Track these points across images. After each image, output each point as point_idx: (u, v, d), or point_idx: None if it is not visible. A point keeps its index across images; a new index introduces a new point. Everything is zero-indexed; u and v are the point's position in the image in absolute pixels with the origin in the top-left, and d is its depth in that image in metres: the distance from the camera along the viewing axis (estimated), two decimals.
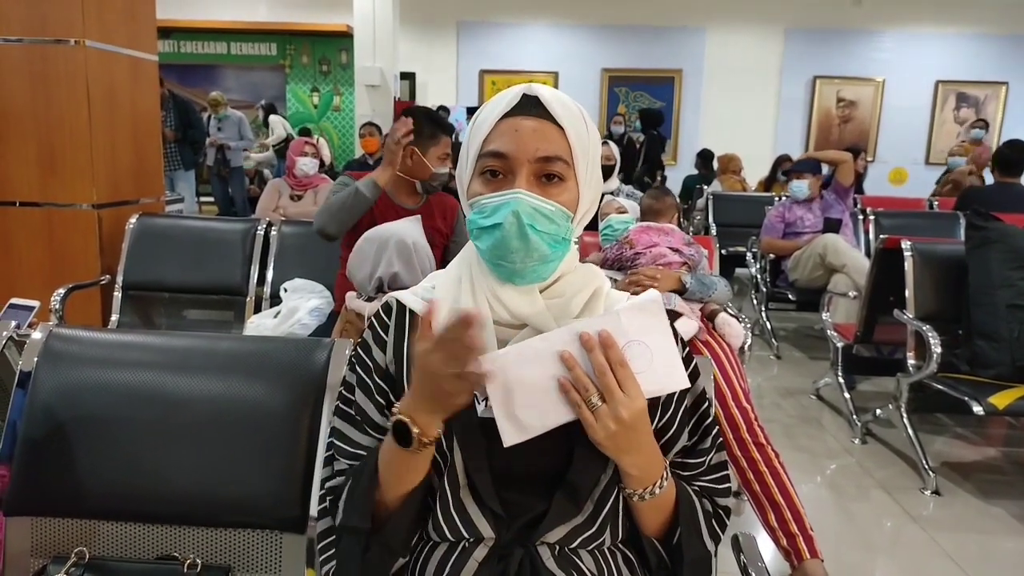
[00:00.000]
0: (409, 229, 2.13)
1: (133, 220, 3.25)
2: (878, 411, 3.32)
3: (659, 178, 7.81)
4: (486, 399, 0.95)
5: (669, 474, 0.96)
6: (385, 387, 1.00)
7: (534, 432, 0.88)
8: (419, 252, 2.11)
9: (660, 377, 0.90)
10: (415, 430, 0.88)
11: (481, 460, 0.94)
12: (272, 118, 8.71)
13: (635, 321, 0.89)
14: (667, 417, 1.00)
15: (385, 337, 1.02)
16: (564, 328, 0.90)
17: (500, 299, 0.93)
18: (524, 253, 0.90)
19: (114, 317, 3.14)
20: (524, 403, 0.88)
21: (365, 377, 1.02)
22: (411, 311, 1.02)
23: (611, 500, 0.96)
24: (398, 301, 1.04)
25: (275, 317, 2.95)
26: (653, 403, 0.98)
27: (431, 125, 2.61)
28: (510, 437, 0.88)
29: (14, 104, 3.18)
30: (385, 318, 1.04)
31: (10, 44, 3.14)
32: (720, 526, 1.04)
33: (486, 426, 0.94)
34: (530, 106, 0.93)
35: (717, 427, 1.05)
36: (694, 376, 1.03)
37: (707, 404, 1.04)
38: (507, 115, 0.93)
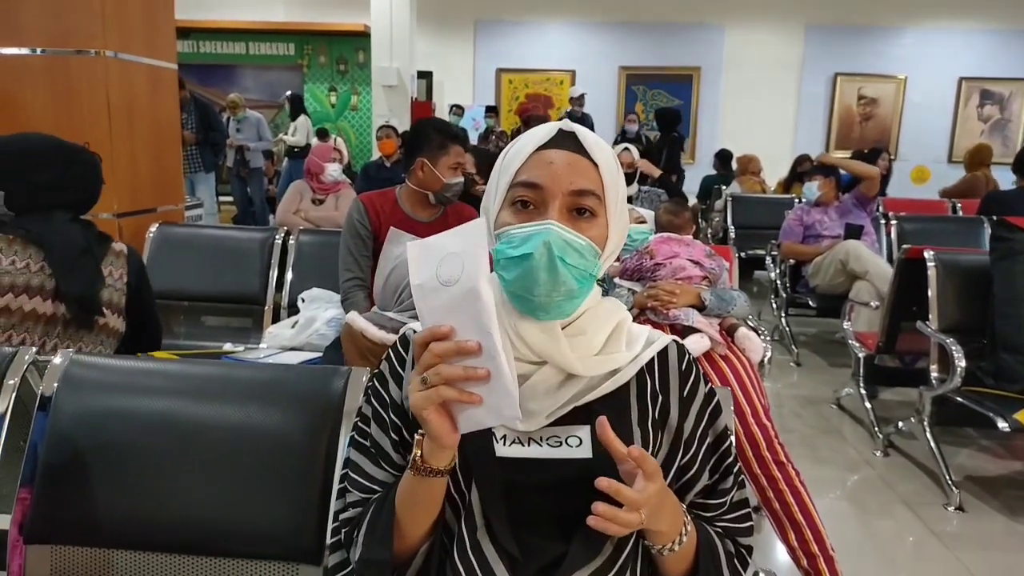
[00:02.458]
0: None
1: (153, 229, 3.27)
2: (900, 424, 3.28)
3: (674, 179, 7.75)
4: (504, 436, 0.95)
5: (690, 520, 0.95)
6: (399, 423, 1.00)
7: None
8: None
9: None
10: (417, 451, 0.88)
11: (498, 500, 0.93)
12: (301, 120, 8.68)
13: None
14: (688, 456, 0.99)
15: (401, 372, 1.01)
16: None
17: (520, 335, 0.92)
18: (551, 287, 0.89)
19: None
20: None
21: (381, 411, 1.01)
22: None
23: (631, 543, 0.95)
24: (416, 333, 1.03)
25: (293, 327, 2.96)
26: (675, 443, 0.97)
27: (439, 135, 2.59)
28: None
29: (36, 115, 3.20)
30: (402, 351, 1.03)
31: (33, 56, 3.16)
32: (742, 565, 1.03)
33: (504, 465, 0.93)
34: (565, 140, 0.94)
35: (739, 464, 1.03)
36: (716, 413, 1.02)
37: (728, 442, 1.02)
38: (541, 148, 0.94)
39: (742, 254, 5.12)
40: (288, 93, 8.97)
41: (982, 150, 6.49)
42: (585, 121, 7.81)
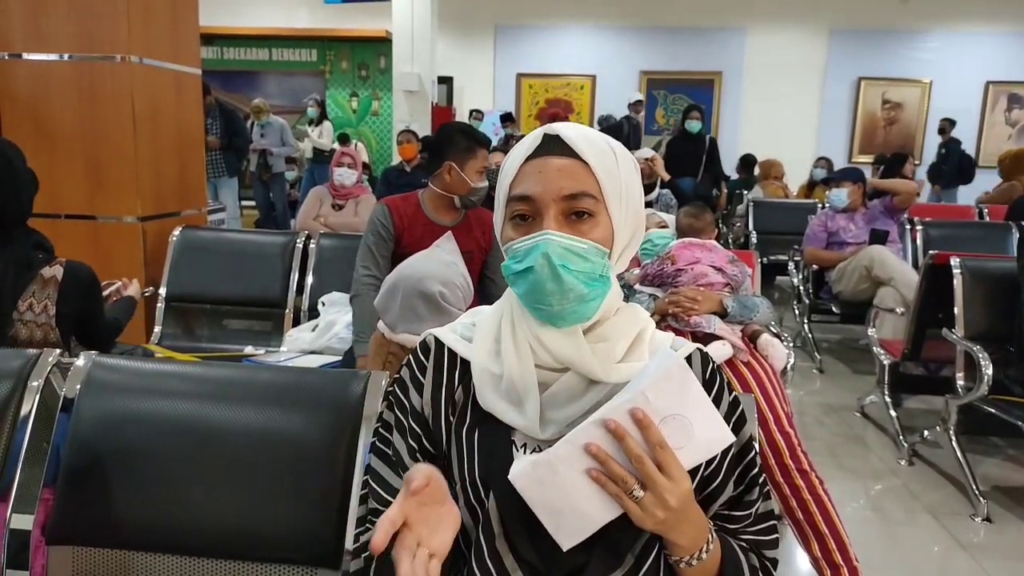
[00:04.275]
0: (436, 268, 2.02)
1: (176, 233, 3.30)
2: (926, 433, 3.23)
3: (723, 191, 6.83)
4: (524, 445, 0.94)
5: (715, 534, 0.93)
6: (419, 431, 0.99)
7: (587, 533, 0.85)
8: (451, 298, 2.01)
9: (704, 443, 0.85)
10: None
11: (517, 509, 0.92)
12: (327, 124, 8.73)
13: (664, 394, 0.83)
14: (713, 466, 0.97)
15: (422, 380, 1.00)
16: (586, 422, 0.85)
17: (542, 341, 0.92)
18: (560, 295, 0.88)
19: (157, 328, 3.19)
20: (568, 509, 0.84)
21: (402, 418, 1.01)
22: (450, 351, 1.00)
23: (653, 554, 0.93)
24: (437, 339, 1.03)
25: (313, 331, 2.98)
26: None
27: (467, 139, 2.58)
28: (566, 542, 0.85)
29: (62, 119, 3.25)
30: (423, 358, 1.02)
31: (59, 61, 3.21)
32: None
33: None
34: (552, 145, 0.92)
35: (764, 475, 1.01)
36: (741, 423, 1.00)
37: (754, 452, 1.00)
38: (531, 157, 0.93)
39: (764, 260, 5.08)
40: (317, 97, 8.98)
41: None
42: (637, 130, 7.37)
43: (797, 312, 4.99)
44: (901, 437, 3.33)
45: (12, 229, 1.93)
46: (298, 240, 3.32)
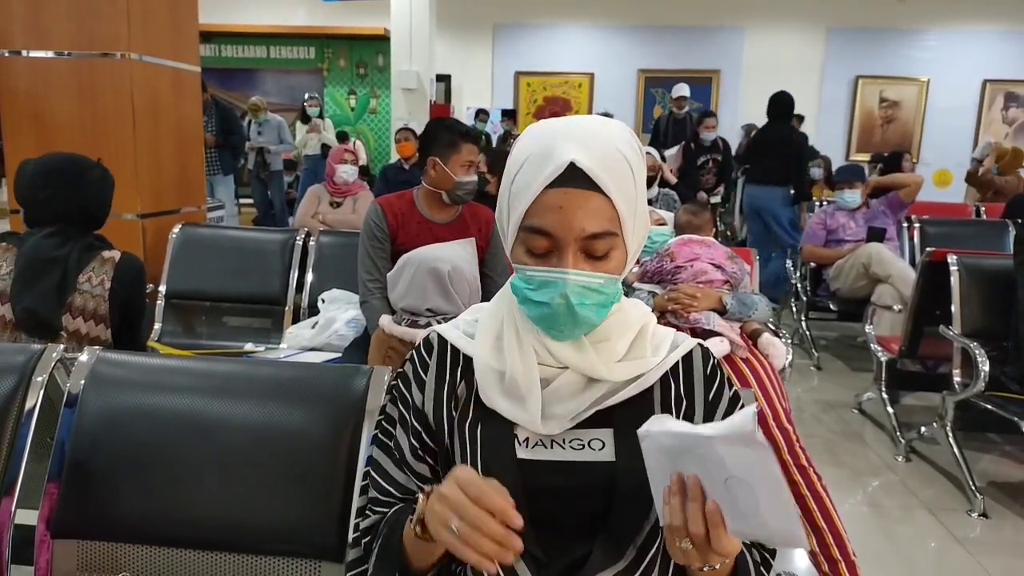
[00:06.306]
0: (451, 254, 2.07)
1: (176, 230, 3.30)
2: (923, 429, 3.25)
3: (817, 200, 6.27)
4: (527, 439, 0.95)
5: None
6: (419, 427, 1.00)
7: None
8: (456, 280, 2.03)
9: (771, 528, 0.77)
10: (420, 513, 0.86)
11: (520, 501, 0.93)
12: (328, 122, 8.71)
13: (734, 453, 0.75)
14: None
15: (424, 377, 1.01)
16: (701, 436, 0.78)
17: (545, 345, 0.94)
18: (572, 326, 0.90)
19: (157, 326, 3.19)
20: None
21: (404, 412, 1.02)
22: (453, 347, 1.01)
23: (655, 546, 0.94)
24: (440, 336, 1.03)
25: (312, 328, 2.98)
26: None
27: (449, 134, 2.58)
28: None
29: (62, 117, 3.25)
30: (426, 356, 1.03)
31: (59, 58, 3.21)
32: (767, 569, 1.01)
33: (526, 467, 0.93)
34: (576, 177, 0.88)
35: None
36: None
37: None
38: (550, 185, 0.89)
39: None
40: (316, 95, 8.96)
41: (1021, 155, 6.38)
42: (681, 125, 7.11)
43: (795, 309, 5.01)
44: (898, 433, 3.35)
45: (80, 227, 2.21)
46: (298, 237, 3.32)
